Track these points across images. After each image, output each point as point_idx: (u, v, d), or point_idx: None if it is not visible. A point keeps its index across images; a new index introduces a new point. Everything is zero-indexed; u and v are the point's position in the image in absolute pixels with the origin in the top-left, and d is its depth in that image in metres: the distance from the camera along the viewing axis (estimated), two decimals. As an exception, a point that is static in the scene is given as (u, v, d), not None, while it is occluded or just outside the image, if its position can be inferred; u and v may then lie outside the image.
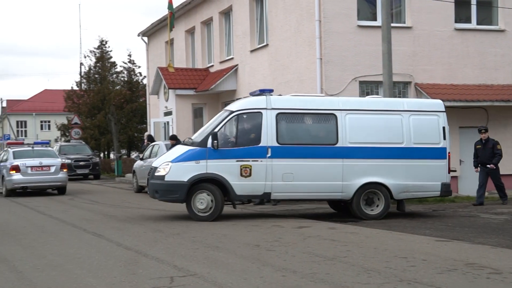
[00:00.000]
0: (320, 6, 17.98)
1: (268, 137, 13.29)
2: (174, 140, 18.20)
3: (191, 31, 28.08)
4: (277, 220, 13.18)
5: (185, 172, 13.29)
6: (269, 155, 13.27)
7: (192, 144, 13.58)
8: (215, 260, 8.73)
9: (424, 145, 13.60)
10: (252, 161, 13.31)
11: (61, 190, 21.92)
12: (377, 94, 18.60)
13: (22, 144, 25.63)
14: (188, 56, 28.49)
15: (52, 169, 21.39)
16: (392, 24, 17.10)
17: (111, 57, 43.44)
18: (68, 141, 37.61)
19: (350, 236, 10.83)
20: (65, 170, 21.92)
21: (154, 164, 14.06)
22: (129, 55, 43.67)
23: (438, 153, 13.62)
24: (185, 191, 13.20)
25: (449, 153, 13.75)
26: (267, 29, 21.54)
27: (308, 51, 18.70)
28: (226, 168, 13.28)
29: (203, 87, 24.25)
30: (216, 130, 13.24)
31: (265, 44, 21.58)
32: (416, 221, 12.96)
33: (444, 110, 13.94)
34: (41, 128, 78.74)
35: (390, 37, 16.31)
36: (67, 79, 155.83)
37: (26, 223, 13.60)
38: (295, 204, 16.17)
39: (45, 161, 21.61)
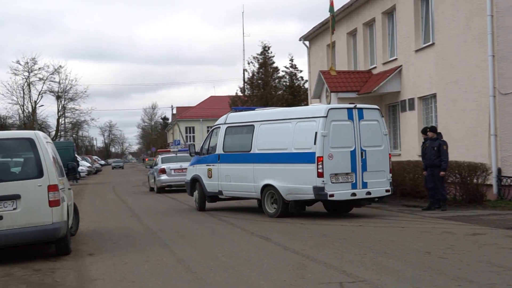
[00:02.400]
0: (492, 0, 17.04)
1: (219, 147, 16.86)
2: None
3: (352, 33, 27.89)
4: (448, 225, 12.66)
5: (189, 174, 18.18)
6: (219, 161, 16.78)
7: None
8: (384, 266, 8.56)
9: (301, 150, 14.30)
10: (212, 165, 17.02)
11: None
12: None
13: (169, 151, 31.67)
14: (350, 59, 28.33)
15: None
16: None
17: (273, 63, 44.35)
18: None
19: (531, 245, 10.10)
20: None
21: None
22: (291, 60, 44.24)
23: (309, 158, 14.04)
24: (189, 188, 18.06)
25: (320, 157, 13.77)
26: (433, 27, 20.82)
27: (479, 48, 17.79)
28: (201, 171, 17.46)
29: (365, 90, 23.96)
30: (199, 142, 17.83)
31: (431, 43, 20.86)
32: None
33: (323, 115, 13.99)
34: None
35: None
36: (232, 85, 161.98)
37: (198, 225, 14.28)
38: (456, 210, 15.45)
39: (185, 164, 25.78)
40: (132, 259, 9.90)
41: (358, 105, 14.78)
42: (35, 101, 63.74)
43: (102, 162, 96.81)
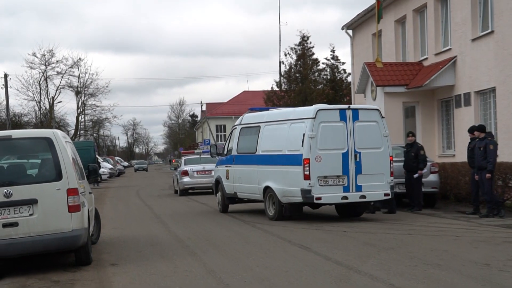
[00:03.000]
0: (558, -18, 16.73)
1: (234, 148, 18.04)
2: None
3: (401, 21, 27.67)
4: (509, 234, 12.46)
5: (215, 175, 19.53)
6: (234, 162, 17.88)
7: None
8: (438, 279, 8.47)
9: (292, 152, 15.13)
10: (229, 166, 18.14)
11: None
12: None
13: (193, 153, 32.96)
14: (398, 49, 28.11)
15: (213, 173, 25.15)
16: None
17: (313, 54, 44.10)
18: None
19: None
20: None
21: None
22: (332, 51, 43.80)
23: (297, 160, 14.87)
24: (214, 189, 19.35)
25: (306, 159, 14.56)
26: (492, 14, 20.52)
27: (544, 36, 17.48)
28: (221, 172, 18.72)
29: (415, 83, 23.75)
30: (216, 143, 19.24)
31: (490, 31, 20.57)
32: None
33: (312, 116, 14.72)
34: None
35: None
36: (267, 79, 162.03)
37: (229, 232, 14.31)
38: None
39: (207, 166, 27.73)
40: (159, 269, 9.95)
41: (352, 106, 15.59)
42: (53, 97, 64.82)
43: (125, 163, 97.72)
